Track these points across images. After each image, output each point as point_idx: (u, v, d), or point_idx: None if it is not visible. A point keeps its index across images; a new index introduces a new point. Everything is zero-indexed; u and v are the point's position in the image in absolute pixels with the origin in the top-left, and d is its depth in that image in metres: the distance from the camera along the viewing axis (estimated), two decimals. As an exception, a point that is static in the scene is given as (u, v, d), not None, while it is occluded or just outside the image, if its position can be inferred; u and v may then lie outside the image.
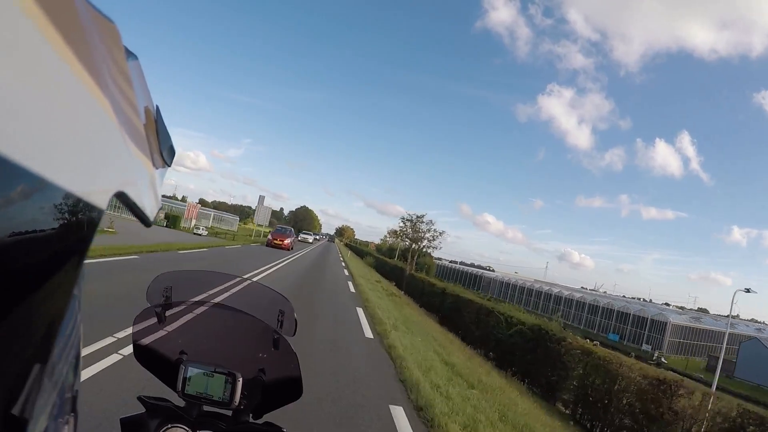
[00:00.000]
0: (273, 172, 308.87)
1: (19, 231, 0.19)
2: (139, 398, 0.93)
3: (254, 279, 2.26)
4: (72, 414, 0.36)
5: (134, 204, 0.35)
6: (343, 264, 27.73)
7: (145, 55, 0.39)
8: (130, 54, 0.36)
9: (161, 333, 1.00)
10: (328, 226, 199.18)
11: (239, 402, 0.93)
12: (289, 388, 0.99)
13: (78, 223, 0.24)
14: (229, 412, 0.95)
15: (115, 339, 4.22)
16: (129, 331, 1.59)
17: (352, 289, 14.55)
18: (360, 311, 10.11)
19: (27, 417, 0.23)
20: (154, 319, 0.99)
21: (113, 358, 3.79)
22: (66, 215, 0.23)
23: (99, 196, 0.27)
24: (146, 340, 1.00)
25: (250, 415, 0.97)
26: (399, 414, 4.15)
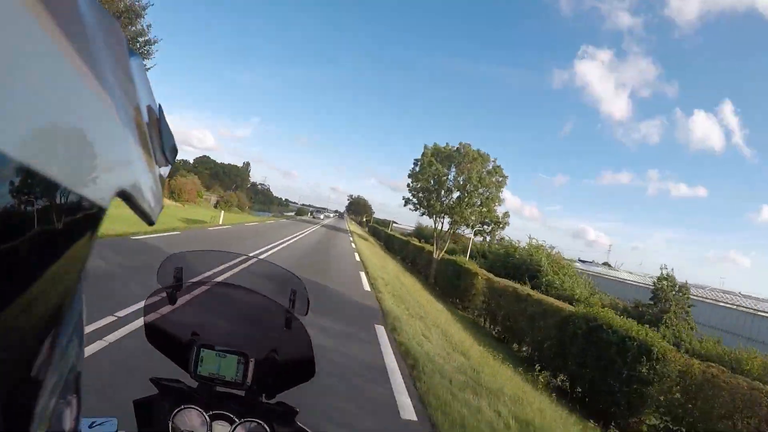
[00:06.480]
0: (282, 151, 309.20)
1: (20, 230, 0.19)
2: (152, 380, 0.94)
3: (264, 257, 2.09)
4: (75, 394, 0.36)
5: (137, 202, 0.35)
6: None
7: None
8: (132, 52, 0.35)
9: (172, 314, 1.00)
10: (338, 203, 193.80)
11: (252, 382, 0.93)
12: (302, 368, 0.99)
13: (80, 223, 0.25)
14: (242, 393, 0.95)
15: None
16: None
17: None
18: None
19: (34, 396, 0.23)
20: (166, 301, 0.98)
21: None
22: (68, 214, 0.23)
23: (101, 195, 0.27)
24: (158, 322, 1.00)
25: (263, 395, 0.97)
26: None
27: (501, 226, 22.84)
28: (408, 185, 24.85)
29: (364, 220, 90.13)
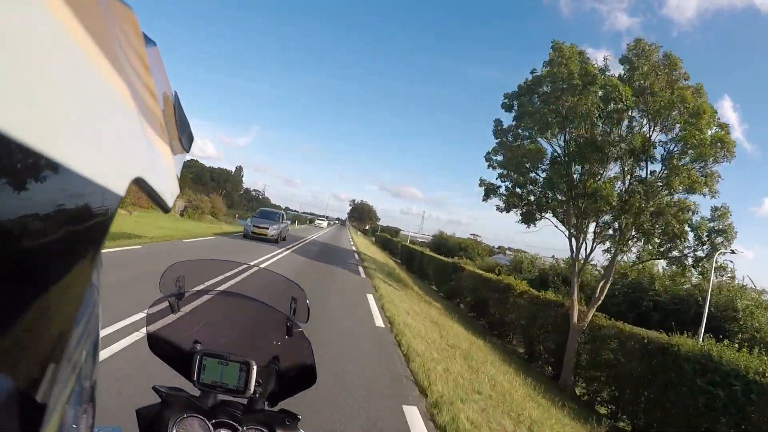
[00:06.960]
0: (285, 159, 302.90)
1: (37, 218, 0.19)
2: (154, 388, 0.93)
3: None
4: (90, 403, 0.36)
5: (153, 190, 0.35)
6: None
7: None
8: (148, 40, 0.35)
9: (175, 323, 1.00)
10: (339, 211, 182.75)
11: (254, 390, 0.93)
12: (304, 375, 1.00)
13: (96, 210, 0.24)
14: (244, 400, 0.95)
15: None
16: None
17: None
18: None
19: (45, 405, 0.23)
20: (168, 310, 0.99)
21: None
22: (84, 202, 0.23)
23: (117, 183, 0.26)
24: (160, 331, 1.00)
25: (265, 402, 0.97)
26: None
27: (725, 244, 9.32)
28: (487, 156, 11.77)
29: (368, 228, 73.43)
